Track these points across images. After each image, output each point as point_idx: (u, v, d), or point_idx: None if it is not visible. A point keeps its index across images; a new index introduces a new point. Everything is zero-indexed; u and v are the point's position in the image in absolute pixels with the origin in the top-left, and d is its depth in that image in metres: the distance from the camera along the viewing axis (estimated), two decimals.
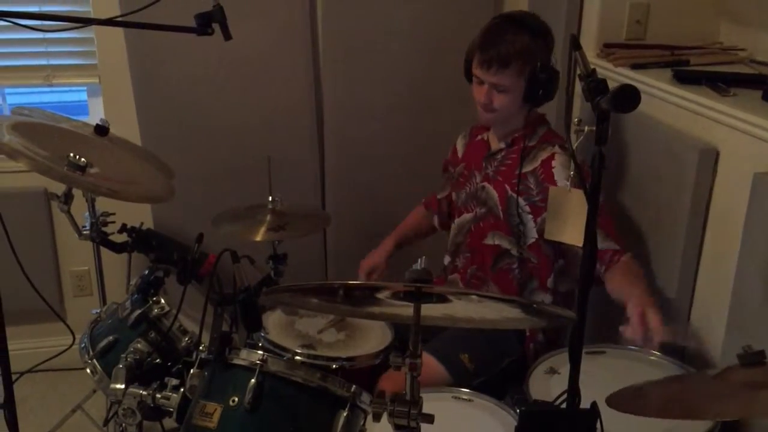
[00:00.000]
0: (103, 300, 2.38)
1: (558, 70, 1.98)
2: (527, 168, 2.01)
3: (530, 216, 2.01)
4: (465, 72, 2.06)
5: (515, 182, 2.01)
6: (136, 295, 1.93)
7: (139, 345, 1.83)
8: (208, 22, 1.57)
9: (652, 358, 1.84)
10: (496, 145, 2.12)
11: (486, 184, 2.10)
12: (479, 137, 2.20)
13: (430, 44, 2.65)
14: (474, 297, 1.23)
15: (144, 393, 1.66)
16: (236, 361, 1.54)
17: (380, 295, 1.24)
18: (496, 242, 2.09)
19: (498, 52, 1.92)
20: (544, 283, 2.08)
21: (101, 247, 2.16)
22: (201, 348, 1.81)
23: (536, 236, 2.01)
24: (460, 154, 2.26)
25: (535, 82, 1.94)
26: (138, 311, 1.88)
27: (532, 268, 2.08)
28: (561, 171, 1.95)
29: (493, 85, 1.97)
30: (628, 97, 1.18)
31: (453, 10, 2.63)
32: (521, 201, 2.01)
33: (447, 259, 2.27)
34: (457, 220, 2.22)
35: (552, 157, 1.99)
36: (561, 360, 1.80)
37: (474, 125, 2.24)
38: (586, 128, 1.27)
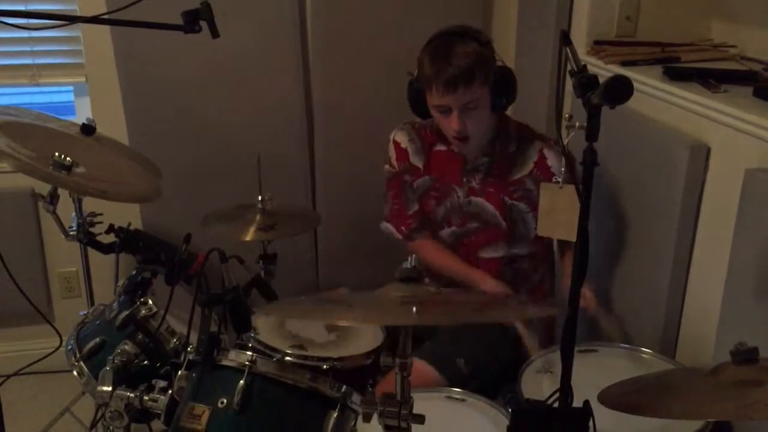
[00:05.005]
0: (91, 301, 2.35)
1: (510, 67, 1.95)
2: (522, 173, 2.02)
3: (530, 214, 2.04)
4: (414, 104, 1.97)
5: (512, 190, 2.03)
6: (123, 297, 1.90)
7: (126, 347, 1.80)
8: (195, 20, 1.55)
9: (644, 355, 1.84)
10: (474, 158, 2.06)
11: (473, 198, 2.07)
12: (440, 147, 2.08)
13: (419, 41, 2.62)
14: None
15: (131, 395, 1.63)
16: (225, 363, 1.52)
17: None
18: (501, 254, 2.09)
19: (459, 69, 1.82)
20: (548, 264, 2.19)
21: (89, 248, 2.14)
22: (189, 349, 1.79)
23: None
24: (419, 164, 2.12)
25: (500, 87, 1.90)
26: (125, 313, 1.85)
27: (540, 258, 2.15)
28: (557, 166, 1.98)
29: (464, 107, 1.87)
30: (621, 87, 1.16)
31: (442, 6, 2.62)
32: (522, 206, 2.03)
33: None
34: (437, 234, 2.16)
35: (543, 156, 2.00)
36: (553, 359, 1.79)
37: (416, 123, 2.11)
38: (577, 124, 1.26)
